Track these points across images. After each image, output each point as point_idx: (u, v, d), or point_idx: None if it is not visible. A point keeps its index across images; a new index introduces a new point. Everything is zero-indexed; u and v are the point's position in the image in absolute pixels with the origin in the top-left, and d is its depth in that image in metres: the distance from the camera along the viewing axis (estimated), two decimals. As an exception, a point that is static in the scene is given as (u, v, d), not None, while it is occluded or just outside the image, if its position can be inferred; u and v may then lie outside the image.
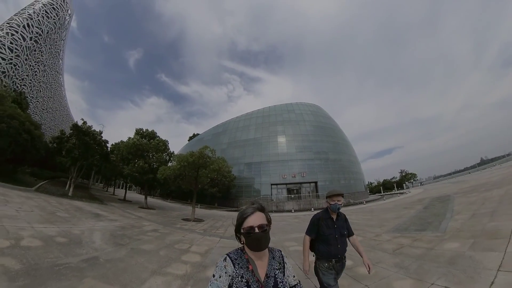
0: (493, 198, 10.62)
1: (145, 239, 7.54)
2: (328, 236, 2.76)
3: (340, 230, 2.84)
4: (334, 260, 2.71)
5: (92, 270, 4.35)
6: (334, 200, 2.82)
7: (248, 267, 1.39)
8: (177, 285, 4.12)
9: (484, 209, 8.97)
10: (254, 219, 1.39)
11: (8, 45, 51.84)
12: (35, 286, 3.33)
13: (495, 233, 5.73)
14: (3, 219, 6.51)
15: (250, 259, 1.43)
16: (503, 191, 11.70)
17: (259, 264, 1.43)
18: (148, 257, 5.60)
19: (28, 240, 5.21)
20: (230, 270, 1.35)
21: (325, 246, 2.76)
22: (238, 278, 1.33)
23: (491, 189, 13.24)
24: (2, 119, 14.04)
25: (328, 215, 2.89)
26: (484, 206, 9.48)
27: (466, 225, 7.36)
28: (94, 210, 12.83)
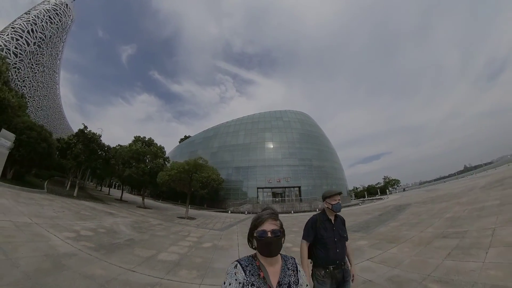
0: (432, 211, 12.32)
1: (157, 229, 10.72)
2: (326, 240, 2.61)
3: (339, 233, 2.72)
4: (332, 267, 2.53)
5: (135, 244, 7.46)
6: (336, 200, 2.73)
7: (260, 274, 1.37)
8: (186, 250, 7.37)
9: (414, 220, 11.10)
10: (268, 224, 1.42)
11: (13, 50, 54.18)
12: (111, 253, 6.32)
13: (396, 239, 7.86)
14: (54, 219, 9.29)
15: (262, 265, 1.41)
16: (445, 205, 13.18)
17: (271, 271, 1.41)
18: (164, 239, 8.79)
19: (83, 232, 8.14)
20: (240, 277, 1.33)
21: (323, 251, 2.59)
22: (249, 286, 1.31)
23: (441, 202, 14.79)
24: (22, 131, 16.75)
25: (326, 217, 2.76)
26: (417, 217, 11.45)
27: (388, 231, 9.62)
28: (105, 209, 15.73)
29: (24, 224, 7.17)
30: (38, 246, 5.51)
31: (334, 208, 2.70)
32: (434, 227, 8.73)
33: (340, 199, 2.76)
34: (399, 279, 4.57)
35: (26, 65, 58.30)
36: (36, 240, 5.86)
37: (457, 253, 5.54)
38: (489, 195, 11.88)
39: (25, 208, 9.81)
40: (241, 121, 58.47)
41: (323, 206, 2.87)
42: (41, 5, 69.89)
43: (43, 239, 6.13)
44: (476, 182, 20.91)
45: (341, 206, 2.75)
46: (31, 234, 6.26)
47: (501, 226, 6.54)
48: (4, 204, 9.38)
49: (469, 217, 8.79)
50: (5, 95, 15.93)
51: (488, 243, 5.61)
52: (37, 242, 5.77)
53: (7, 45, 53.35)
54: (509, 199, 9.46)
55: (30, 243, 5.56)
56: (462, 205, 11.45)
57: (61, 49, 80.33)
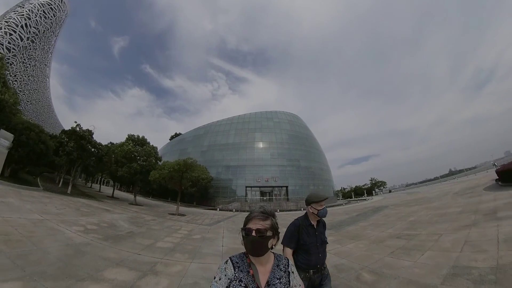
0: (401, 214, 13.38)
1: (151, 224, 12.06)
2: (309, 245, 2.59)
3: (321, 237, 2.73)
4: (312, 271, 2.54)
5: (135, 236, 8.80)
6: (322, 205, 2.69)
7: (249, 272, 1.39)
8: (179, 240, 8.82)
9: (382, 221, 12.23)
10: (254, 222, 1.42)
11: (6, 45, 54.06)
12: (117, 242, 7.62)
13: (357, 237, 9.15)
14: (60, 216, 10.43)
15: (252, 263, 1.43)
16: (416, 208, 14.08)
17: (261, 270, 1.42)
18: (159, 231, 10.16)
19: (89, 226, 9.38)
20: (229, 273, 1.37)
21: (304, 256, 2.58)
22: (236, 282, 1.33)
23: (414, 205, 15.80)
24: (21, 131, 17.63)
25: (309, 222, 2.74)
26: (386, 219, 12.56)
27: (354, 230, 10.83)
28: (100, 206, 16.84)
29: (37, 220, 8.37)
30: (57, 238, 6.78)
31: (320, 214, 2.68)
32: (394, 228, 9.81)
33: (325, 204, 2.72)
34: (342, 267, 5.85)
35: (18, 60, 58.06)
36: (53, 234, 7.12)
37: (399, 252, 6.45)
38: (456, 202, 12.75)
39: (32, 206, 10.93)
40: (232, 120, 59.73)
41: (306, 209, 2.81)
42: None
43: (58, 232, 7.39)
44: (454, 187, 21.90)
45: (326, 211, 2.73)
46: (47, 229, 7.50)
47: (447, 233, 7.25)
48: (13, 203, 10.47)
49: (428, 221, 9.68)
50: (4, 96, 16.76)
51: (429, 247, 6.34)
52: (55, 235, 7.03)
53: (0, 40, 53.02)
54: (469, 207, 10.19)
55: (50, 236, 6.82)
56: (429, 210, 12.46)
57: (53, 43, 79.68)
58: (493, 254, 4.86)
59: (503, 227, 6.31)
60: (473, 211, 9.13)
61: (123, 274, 4.71)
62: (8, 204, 10.08)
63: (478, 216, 8.20)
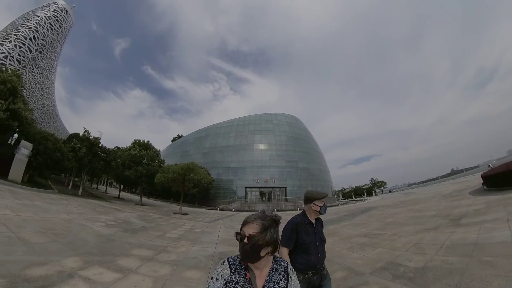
0: (383, 215, 14.17)
1: (159, 221, 14.13)
2: (308, 244, 2.51)
3: (320, 236, 2.67)
4: (311, 272, 2.44)
5: (148, 229, 10.85)
6: (323, 202, 2.66)
7: (246, 275, 1.36)
8: (183, 232, 10.84)
9: (363, 221, 13.24)
10: (248, 228, 1.36)
11: (17, 57, 58.49)
12: (135, 233, 9.69)
13: (332, 234, 10.00)
14: (83, 215, 12.44)
15: (249, 266, 1.39)
16: (399, 210, 14.85)
17: (258, 274, 1.39)
18: (166, 226, 12.21)
19: (108, 222, 11.44)
20: (225, 274, 1.36)
21: (304, 256, 2.49)
22: (232, 284, 1.32)
23: (399, 207, 16.55)
24: (39, 141, 19.80)
25: (308, 220, 2.65)
26: (368, 219, 13.50)
27: (334, 228, 11.90)
28: (112, 207, 18.96)
29: (67, 218, 10.40)
30: (89, 231, 8.79)
31: (322, 211, 2.63)
32: (368, 228, 10.63)
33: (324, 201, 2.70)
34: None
35: (27, 70, 61.86)
36: (84, 228, 9.14)
37: (357, 247, 7.38)
38: (437, 205, 13.42)
39: (56, 207, 12.99)
40: (232, 122, 61.74)
41: (305, 208, 2.76)
42: (42, 11, 73.90)
43: (87, 227, 9.41)
44: (447, 188, 22.36)
45: (326, 208, 2.70)
46: (78, 225, 9.52)
47: (407, 235, 7.89)
48: (41, 206, 12.48)
49: (401, 223, 10.42)
50: (24, 113, 18.91)
51: (383, 245, 7.12)
52: (86, 229, 9.05)
53: (11, 52, 57.14)
54: (445, 211, 10.77)
55: (83, 229, 8.83)
56: (409, 212, 13.17)
57: (59, 51, 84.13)
58: (428, 257, 5.42)
59: (455, 234, 6.84)
60: (444, 216, 9.77)
61: (144, 252, 6.73)
62: (38, 206, 12.10)
63: (444, 221, 8.77)
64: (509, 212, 7.71)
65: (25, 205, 11.07)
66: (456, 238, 6.46)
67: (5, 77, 18.20)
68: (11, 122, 18.13)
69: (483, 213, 8.54)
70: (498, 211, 8.29)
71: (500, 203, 9.53)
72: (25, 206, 10.98)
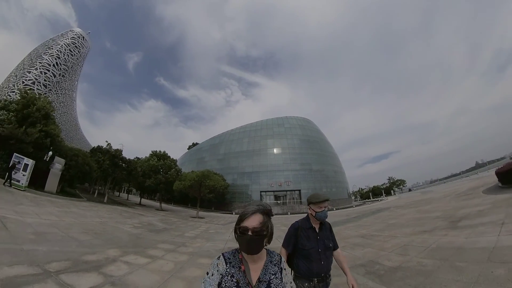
0: (389, 216, 14.46)
1: (178, 223, 15.87)
2: (309, 251, 2.43)
3: (324, 243, 2.51)
4: (316, 280, 2.37)
5: (169, 230, 12.55)
6: (322, 207, 2.51)
7: (241, 267, 1.42)
8: (199, 232, 12.44)
9: (368, 222, 13.72)
10: (250, 221, 1.41)
11: (43, 82, 67.20)
12: (158, 233, 11.35)
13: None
14: (112, 219, 14.42)
15: (244, 259, 1.46)
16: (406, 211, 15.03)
17: (253, 267, 1.45)
18: (185, 228, 13.88)
19: (135, 224, 13.22)
20: (221, 268, 1.41)
21: (305, 263, 2.42)
22: (228, 277, 1.37)
23: (409, 208, 16.69)
24: (71, 157, 22.37)
25: (309, 225, 2.57)
26: (374, 221, 13.93)
27: (337, 230, 14.29)
28: (136, 212, 20.98)
29: (101, 222, 12.20)
30: (121, 231, 10.51)
31: (317, 217, 2.50)
32: (369, 229, 11.00)
33: (327, 206, 2.55)
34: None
35: (53, 92, 69.06)
36: (116, 229, 10.88)
37: (348, 246, 7.89)
38: (447, 205, 13.26)
39: (90, 213, 14.94)
40: (245, 128, 63.58)
41: (306, 211, 2.69)
42: (62, 39, 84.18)
43: (119, 228, 11.15)
44: (465, 185, 21.70)
45: (326, 215, 2.53)
46: (111, 227, 11.28)
47: (401, 236, 8.21)
48: (78, 212, 14.41)
49: (401, 225, 10.64)
50: (57, 133, 21.46)
51: (373, 245, 7.55)
52: (118, 229, 10.79)
53: (37, 78, 64.68)
54: (450, 212, 10.70)
55: (115, 230, 10.55)
56: (417, 213, 13.25)
57: (79, 72, 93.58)
58: (408, 258, 5.68)
59: (446, 237, 6.92)
60: (447, 217, 9.72)
61: (167, 246, 8.31)
62: (75, 212, 14.04)
63: (444, 223, 8.79)
64: (508, 214, 7.57)
65: (65, 212, 13.00)
66: (444, 241, 6.60)
67: (39, 104, 20.76)
68: (45, 141, 20.65)
69: (483, 215, 8.42)
70: (499, 212, 8.13)
71: (505, 203, 9.24)
72: (65, 212, 12.90)
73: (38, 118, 20.65)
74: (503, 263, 4.31)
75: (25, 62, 74.81)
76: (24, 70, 69.57)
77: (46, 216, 10.13)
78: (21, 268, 4.23)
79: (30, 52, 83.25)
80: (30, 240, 6.18)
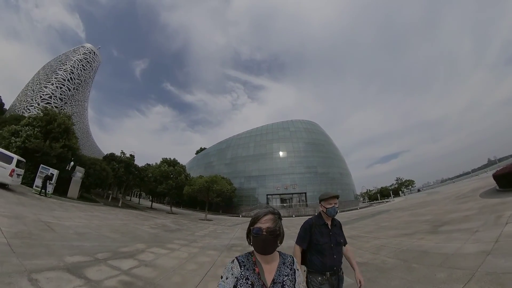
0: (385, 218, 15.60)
1: (189, 225, 17.74)
2: (322, 246, 2.60)
3: (336, 238, 2.71)
4: (328, 274, 2.52)
5: (181, 230, 14.45)
6: (331, 203, 2.70)
7: (255, 270, 1.47)
8: (207, 232, 14.32)
9: (362, 224, 14.81)
10: (264, 221, 1.49)
11: (59, 96, 74.90)
12: (172, 232, 13.20)
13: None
14: (131, 220, 16.41)
15: (258, 262, 1.51)
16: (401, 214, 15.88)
17: (267, 268, 1.50)
18: (195, 228, 15.76)
19: (152, 226, 15.13)
20: (236, 272, 1.45)
21: (318, 257, 2.59)
22: (243, 280, 1.41)
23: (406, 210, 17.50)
24: (90, 166, 24.73)
25: (322, 221, 2.75)
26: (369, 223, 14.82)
27: None
28: (149, 215, 22.97)
29: (123, 223, 14.13)
30: (141, 230, 12.38)
31: (328, 213, 2.69)
32: (361, 231, 11.88)
33: (336, 203, 2.72)
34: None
35: (68, 105, 74.00)
36: (138, 229, 12.77)
37: None
38: (442, 208, 13.80)
39: (111, 216, 16.94)
40: (251, 133, 65.46)
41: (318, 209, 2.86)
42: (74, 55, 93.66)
43: (139, 228, 13.04)
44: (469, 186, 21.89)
45: (336, 211, 2.71)
46: (132, 227, 13.17)
47: (382, 238, 8.88)
48: (100, 215, 16.39)
49: (391, 227, 11.33)
50: (77, 147, 23.79)
51: (355, 245, 8.53)
52: (139, 229, 12.67)
53: (54, 93, 69.69)
54: (439, 216, 11.23)
55: (136, 230, 12.43)
56: (410, 216, 14.00)
57: (90, 84, 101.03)
58: (376, 257, 6.37)
59: (420, 241, 7.43)
60: (433, 221, 10.27)
61: (181, 242, 10.14)
62: (98, 216, 15.96)
63: (427, 227, 9.36)
64: (487, 221, 7.93)
65: (91, 216, 14.96)
66: (416, 244, 7.16)
67: (60, 120, 23.03)
68: (67, 154, 22.91)
69: (466, 221, 8.84)
70: (479, 219, 8.47)
71: (491, 209, 9.55)
72: (91, 216, 14.86)
73: (59, 133, 22.90)
74: (449, 268, 4.81)
75: (41, 77, 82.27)
76: (41, 85, 76.45)
77: (78, 219, 12.02)
78: (79, 257, 5.99)
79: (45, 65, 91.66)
80: (75, 239, 7.99)
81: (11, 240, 5.72)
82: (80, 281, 4.36)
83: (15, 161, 14.87)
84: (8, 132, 21.31)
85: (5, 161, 14.50)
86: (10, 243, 5.47)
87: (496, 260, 4.80)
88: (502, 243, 5.70)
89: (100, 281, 4.52)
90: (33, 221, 8.56)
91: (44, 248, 5.84)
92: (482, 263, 4.78)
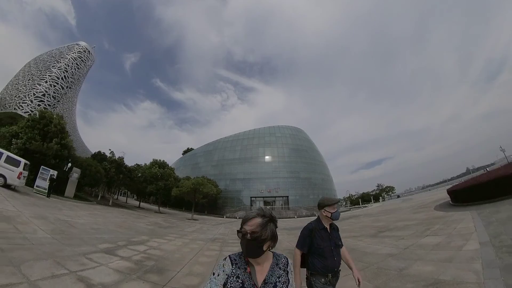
0: (350, 223, 17.44)
1: (178, 223, 20.58)
2: (323, 249, 2.75)
3: (335, 241, 2.88)
4: (330, 275, 2.69)
5: (173, 227, 17.31)
6: (335, 208, 2.85)
7: (246, 269, 1.47)
8: (195, 229, 17.22)
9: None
10: (250, 224, 1.45)
11: (53, 94, 76.79)
12: (166, 228, 15.98)
13: (291, 234, 18.08)
14: (127, 218, 18.99)
15: (250, 262, 1.50)
16: (367, 219, 17.80)
17: (258, 269, 1.50)
18: (184, 226, 18.66)
19: (147, 223, 17.79)
20: (227, 269, 1.46)
21: (320, 260, 2.73)
22: (234, 278, 1.42)
23: (371, 216, 19.44)
24: (85, 167, 26.94)
25: (322, 226, 2.89)
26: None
27: (296, 232, 19.69)
28: (140, 214, 25.53)
29: (122, 221, 16.72)
30: (140, 226, 15.08)
31: (333, 217, 2.84)
32: None
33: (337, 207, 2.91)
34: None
35: (61, 103, 74.91)
36: (136, 225, 15.46)
37: (285, 245, 13.81)
38: (398, 216, 15.26)
39: (108, 214, 19.46)
40: (238, 136, 68.39)
41: (318, 214, 3.00)
42: (69, 53, 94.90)
43: (137, 225, 15.72)
44: (434, 196, 23.86)
45: (339, 214, 2.90)
46: (131, 224, 15.84)
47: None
48: (100, 214, 18.83)
49: (349, 230, 13.01)
50: (72, 145, 25.99)
51: None
52: (137, 226, 15.36)
53: (47, 91, 70.17)
54: (390, 223, 12.65)
55: (136, 225, 15.12)
56: (369, 222, 15.87)
57: (82, 82, 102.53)
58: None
59: (359, 242, 8.90)
60: (381, 227, 11.77)
61: (175, 235, 13.08)
62: (98, 214, 18.39)
63: (372, 232, 10.92)
64: (416, 231, 9.11)
65: (93, 214, 17.44)
66: (353, 244, 8.80)
67: (55, 121, 25.15)
68: (63, 152, 25.08)
69: (404, 229, 9.94)
70: (414, 229, 9.51)
71: (430, 221, 10.56)
72: (94, 215, 17.33)
73: (55, 133, 24.97)
74: (358, 262, 6.04)
75: (33, 71, 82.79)
76: (34, 82, 77.41)
77: (85, 218, 14.49)
78: (107, 244, 8.66)
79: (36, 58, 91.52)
80: (94, 232, 10.59)
81: (54, 235, 7.44)
82: (116, 258, 7.06)
83: (22, 165, 16.96)
84: (9, 133, 23.36)
85: (13, 164, 16.63)
86: (55, 238, 7.24)
87: (392, 261, 6.15)
88: (408, 250, 6.88)
89: (130, 257, 7.29)
90: (55, 220, 10.61)
91: (79, 240, 8.12)
92: (381, 261, 6.25)
